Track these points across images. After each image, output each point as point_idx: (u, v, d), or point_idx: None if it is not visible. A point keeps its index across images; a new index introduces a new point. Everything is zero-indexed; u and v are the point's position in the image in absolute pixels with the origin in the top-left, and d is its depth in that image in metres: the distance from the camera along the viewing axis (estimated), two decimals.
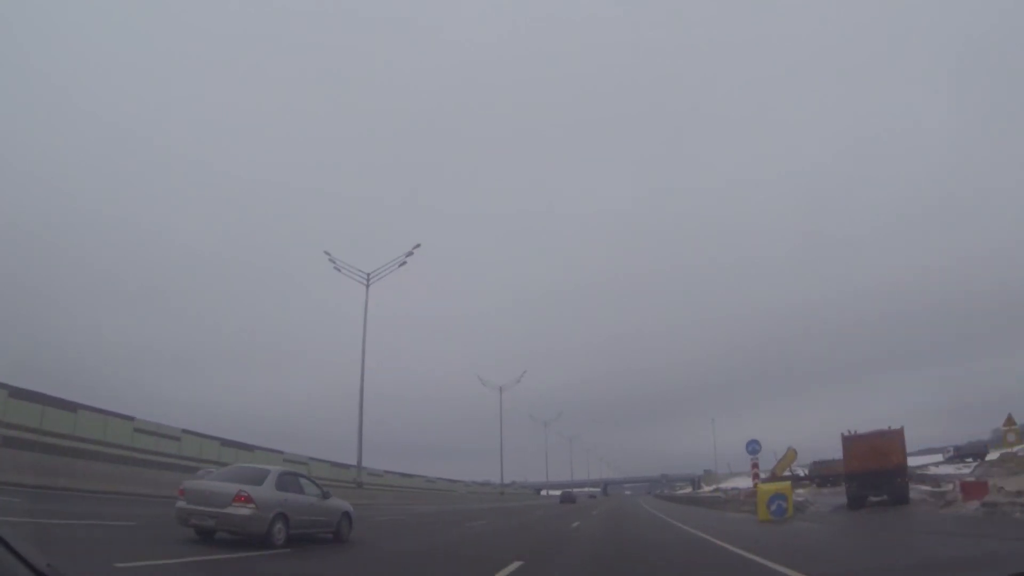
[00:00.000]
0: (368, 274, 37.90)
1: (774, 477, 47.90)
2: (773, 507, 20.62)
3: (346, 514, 12.52)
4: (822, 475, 49.91)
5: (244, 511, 9.67)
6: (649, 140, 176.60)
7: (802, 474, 54.44)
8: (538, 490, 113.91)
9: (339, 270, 37.98)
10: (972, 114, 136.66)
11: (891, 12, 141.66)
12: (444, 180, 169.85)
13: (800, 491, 37.86)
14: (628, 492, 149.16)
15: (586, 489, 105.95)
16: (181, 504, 9.95)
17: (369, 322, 37.24)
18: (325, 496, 12.07)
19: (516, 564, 8.91)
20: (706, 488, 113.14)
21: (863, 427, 25.08)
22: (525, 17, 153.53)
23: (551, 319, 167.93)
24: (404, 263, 38.00)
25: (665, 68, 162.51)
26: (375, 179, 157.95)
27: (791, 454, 54.18)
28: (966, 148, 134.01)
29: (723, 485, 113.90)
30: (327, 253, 37.94)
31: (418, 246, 38.33)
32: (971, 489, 19.18)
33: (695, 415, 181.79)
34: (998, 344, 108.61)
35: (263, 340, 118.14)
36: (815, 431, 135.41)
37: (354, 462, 37.95)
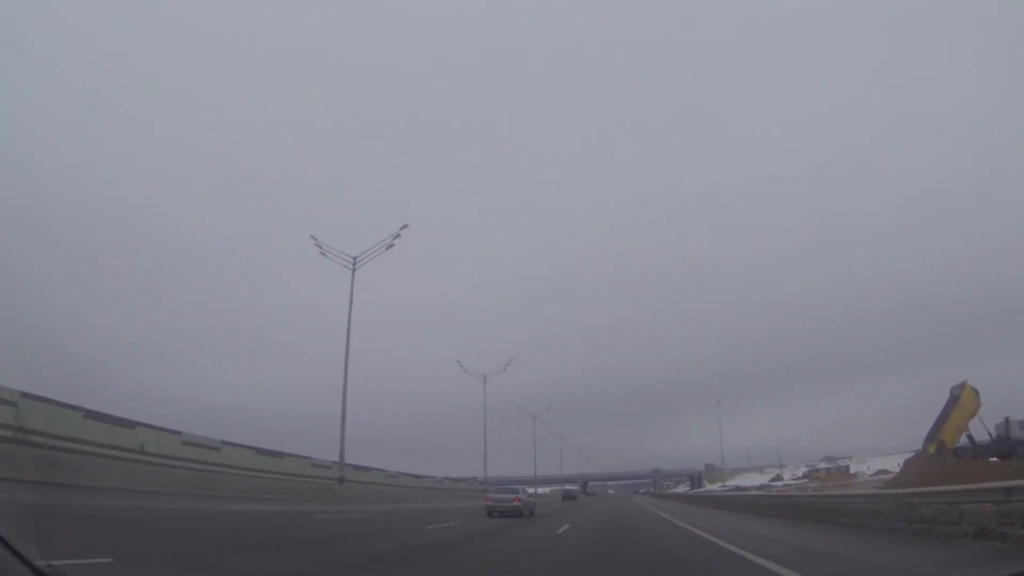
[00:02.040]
0: (355, 258, 36.90)
1: (940, 446, 28.78)
2: None
3: (534, 503, 27.30)
4: None
5: (518, 504, 23.85)
6: (655, 130, 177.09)
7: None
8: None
9: (324, 254, 36.80)
10: (985, 106, 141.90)
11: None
12: (439, 172, 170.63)
13: None
14: (611, 491, 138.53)
15: (566, 487, 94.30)
16: (489, 504, 24.43)
17: (354, 313, 36.48)
18: (528, 496, 27.21)
19: None
20: (711, 486, 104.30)
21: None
22: None
23: (539, 311, 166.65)
24: (391, 245, 36.98)
25: (673, 57, 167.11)
26: (370, 171, 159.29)
27: (969, 395, 29.17)
28: (979, 140, 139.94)
29: (739, 482, 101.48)
30: (313, 237, 36.59)
31: (405, 226, 36.90)
32: None
33: (691, 411, 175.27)
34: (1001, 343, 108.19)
35: (241, 331, 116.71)
36: (816, 430, 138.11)
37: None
